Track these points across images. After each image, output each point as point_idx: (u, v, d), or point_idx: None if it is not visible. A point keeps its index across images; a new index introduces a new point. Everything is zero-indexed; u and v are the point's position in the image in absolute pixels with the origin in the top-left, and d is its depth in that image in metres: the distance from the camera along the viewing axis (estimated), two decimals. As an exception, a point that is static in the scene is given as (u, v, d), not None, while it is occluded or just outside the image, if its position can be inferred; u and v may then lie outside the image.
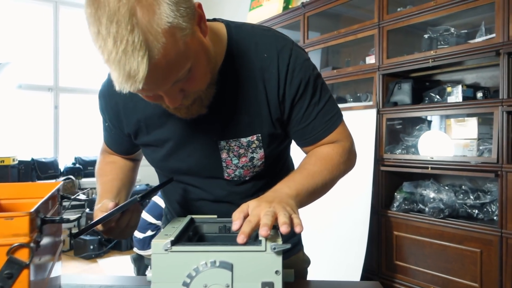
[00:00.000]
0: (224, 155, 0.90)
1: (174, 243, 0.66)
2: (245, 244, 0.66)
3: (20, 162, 4.16)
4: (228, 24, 0.89)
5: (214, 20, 0.91)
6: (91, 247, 3.95)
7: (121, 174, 1.04)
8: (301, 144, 0.96)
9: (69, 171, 4.59)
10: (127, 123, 0.95)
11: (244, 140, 0.89)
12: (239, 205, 0.77)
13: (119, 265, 3.78)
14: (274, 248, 0.65)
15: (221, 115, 0.87)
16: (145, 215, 3.15)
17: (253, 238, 0.79)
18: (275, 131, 0.90)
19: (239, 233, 0.65)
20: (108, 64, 0.63)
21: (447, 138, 2.64)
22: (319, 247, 2.96)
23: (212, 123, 0.88)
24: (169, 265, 0.65)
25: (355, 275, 2.73)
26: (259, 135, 0.88)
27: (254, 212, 0.69)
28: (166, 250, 0.65)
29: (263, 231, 0.64)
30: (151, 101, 0.76)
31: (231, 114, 0.87)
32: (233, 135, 0.88)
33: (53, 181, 4.39)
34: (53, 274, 0.83)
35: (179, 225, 0.76)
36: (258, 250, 0.65)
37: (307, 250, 1.20)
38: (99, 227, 0.80)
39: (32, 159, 4.35)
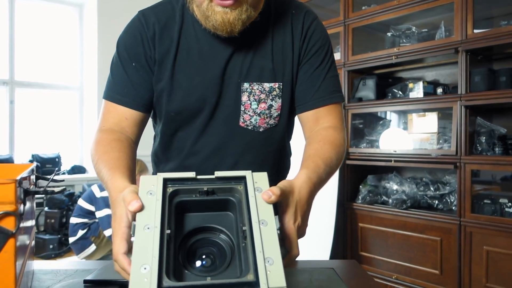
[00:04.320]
0: (244, 98, 0.91)
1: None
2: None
3: (-28, 159, 3.93)
4: None
5: None
6: (51, 246, 3.78)
7: (129, 154, 0.88)
8: (302, 107, 0.94)
9: (25, 169, 4.38)
10: (160, 42, 0.91)
11: (267, 85, 0.92)
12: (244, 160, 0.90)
13: (81, 264, 3.65)
14: None
15: (248, 58, 0.91)
16: (83, 203, 3.05)
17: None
18: (293, 82, 0.94)
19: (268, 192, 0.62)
20: None
21: (408, 135, 2.74)
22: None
23: (238, 64, 0.91)
24: None
25: (322, 266, 2.78)
26: (281, 83, 0.92)
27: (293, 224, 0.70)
28: None
29: None
30: None
31: (257, 58, 0.91)
32: (257, 78, 0.91)
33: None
34: (29, 253, 0.80)
35: (152, 205, 0.59)
36: None
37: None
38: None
39: (-15, 156, 4.13)
